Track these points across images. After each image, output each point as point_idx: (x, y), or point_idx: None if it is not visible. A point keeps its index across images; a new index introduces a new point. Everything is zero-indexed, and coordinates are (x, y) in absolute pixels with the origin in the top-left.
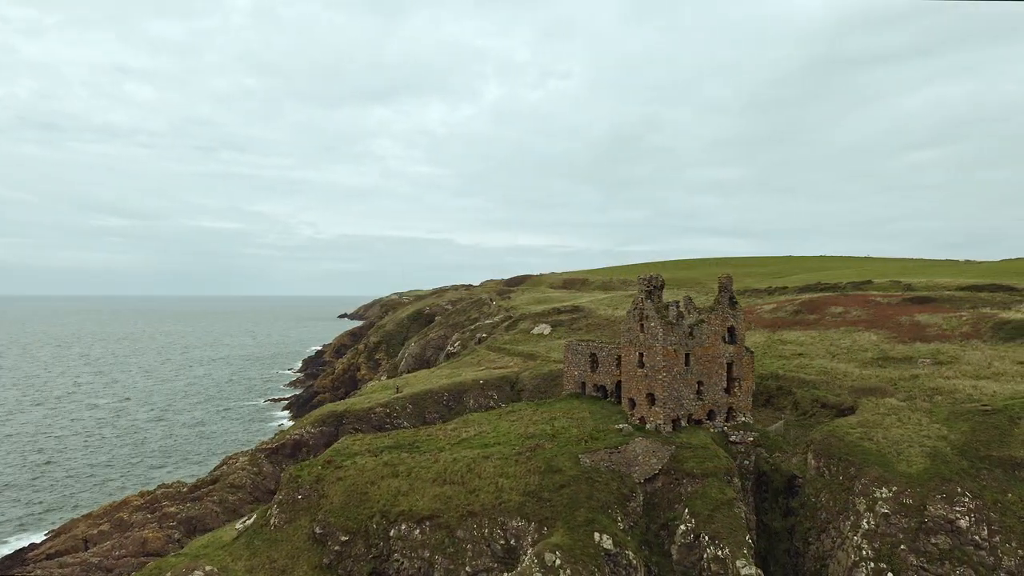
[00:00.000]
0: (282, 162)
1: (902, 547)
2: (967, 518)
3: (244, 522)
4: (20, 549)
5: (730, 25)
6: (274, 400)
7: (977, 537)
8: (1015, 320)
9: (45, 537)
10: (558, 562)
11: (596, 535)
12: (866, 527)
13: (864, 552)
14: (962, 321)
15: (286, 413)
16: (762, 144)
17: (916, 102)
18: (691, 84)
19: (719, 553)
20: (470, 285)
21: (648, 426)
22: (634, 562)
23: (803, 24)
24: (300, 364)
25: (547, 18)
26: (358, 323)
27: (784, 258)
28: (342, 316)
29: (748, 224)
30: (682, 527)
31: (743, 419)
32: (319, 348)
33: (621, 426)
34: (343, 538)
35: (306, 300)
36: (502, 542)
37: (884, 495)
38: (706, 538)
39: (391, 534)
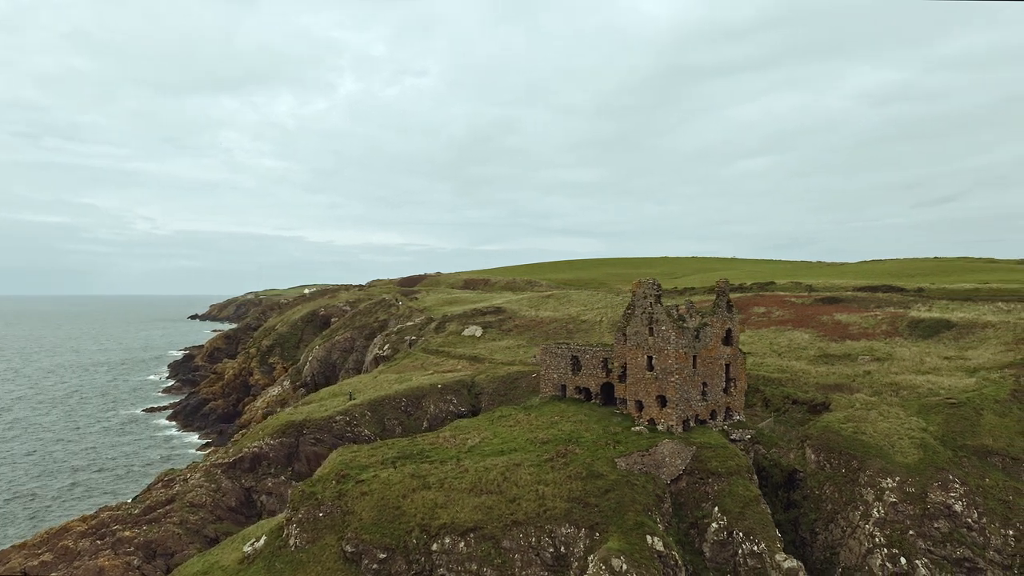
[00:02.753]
0: (116, 151)
1: (910, 532)
2: (960, 503)
3: (253, 544)
4: None
5: (587, 32)
6: (154, 409)
7: (970, 520)
8: (927, 319)
9: None
10: (624, 567)
11: (648, 538)
12: (877, 516)
13: (877, 539)
14: (879, 320)
15: (173, 423)
16: (613, 148)
17: (750, 112)
18: (548, 87)
19: (755, 548)
20: (362, 285)
21: (660, 427)
22: (680, 562)
23: (653, 35)
24: (167, 370)
25: (406, 14)
26: (215, 325)
27: (663, 259)
28: (193, 317)
29: (599, 225)
30: (714, 525)
31: (738, 418)
32: (185, 352)
33: (638, 428)
34: (381, 555)
35: (147, 299)
36: (551, 550)
37: (889, 485)
38: (740, 535)
39: (433, 548)
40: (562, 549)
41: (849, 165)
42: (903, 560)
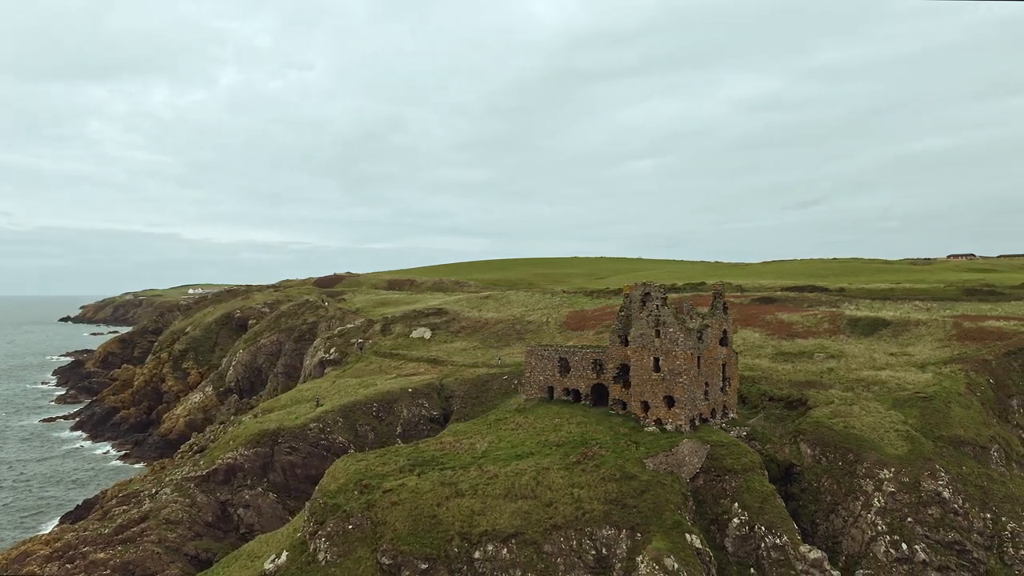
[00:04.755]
0: None
1: (909, 519)
2: (948, 490)
3: (273, 561)
4: None
5: (477, 31)
6: (52, 419)
7: (956, 505)
8: (863, 318)
9: None
10: (676, 566)
11: (687, 536)
12: (877, 505)
13: (879, 527)
14: (819, 319)
15: (79, 433)
16: (501, 148)
17: (634, 116)
18: (436, 86)
19: (777, 541)
20: (276, 286)
21: (668, 427)
22: (712, 558)
23: (543, 39)
24: (54, 376)
25: (293, 6)
26: (92, 328)
27: (578, 259)
28: (64, 319)
29: (489, 224)
30: (735, 520)
31: (732, 415)
32: (71, 357)
33: (651, 428)
34: (423, 566)
35: (7, 301)
36: (593, 553)
37: (886, 475)
38: (762, 528)
39: (475, 556)
40: (603, 551)
41: (725, 168)
42: (904, 546)
